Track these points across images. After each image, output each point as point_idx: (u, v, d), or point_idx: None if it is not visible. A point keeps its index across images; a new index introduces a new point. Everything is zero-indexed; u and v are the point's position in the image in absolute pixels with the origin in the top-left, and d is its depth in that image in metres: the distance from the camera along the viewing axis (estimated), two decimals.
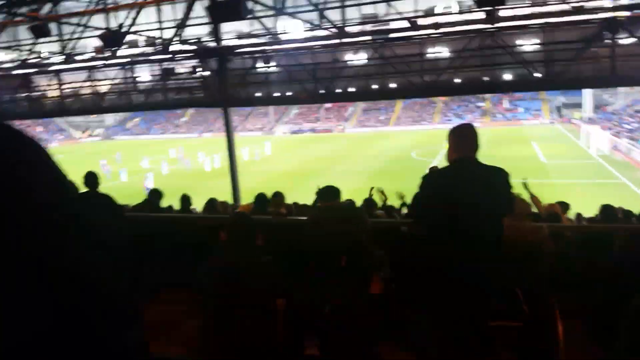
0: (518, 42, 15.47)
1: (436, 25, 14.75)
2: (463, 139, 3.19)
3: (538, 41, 15.14)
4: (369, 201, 6.96)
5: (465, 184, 3.12)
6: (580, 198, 16.94)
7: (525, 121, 59.52)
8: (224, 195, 15.43)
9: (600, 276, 4.14)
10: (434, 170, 3.79)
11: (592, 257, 4.60)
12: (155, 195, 7.80)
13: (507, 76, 16.49)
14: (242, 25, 17.47)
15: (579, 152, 36.80)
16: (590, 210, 9.69)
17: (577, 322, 3.85)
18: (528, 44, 15.53)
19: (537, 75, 14.57)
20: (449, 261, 3.10)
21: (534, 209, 5.39)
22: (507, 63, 15.24)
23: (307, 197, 6.21)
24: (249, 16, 11.56)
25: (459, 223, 3.09)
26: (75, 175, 5.51)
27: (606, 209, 6.41)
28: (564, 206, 7.40)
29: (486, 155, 3.20)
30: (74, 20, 16.37)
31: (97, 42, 15.49)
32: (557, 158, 33.73)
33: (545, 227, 4.43)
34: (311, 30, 16.15)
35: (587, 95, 55.22)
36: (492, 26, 14.35)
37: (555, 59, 14.45)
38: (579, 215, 9.10)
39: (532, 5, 14.34)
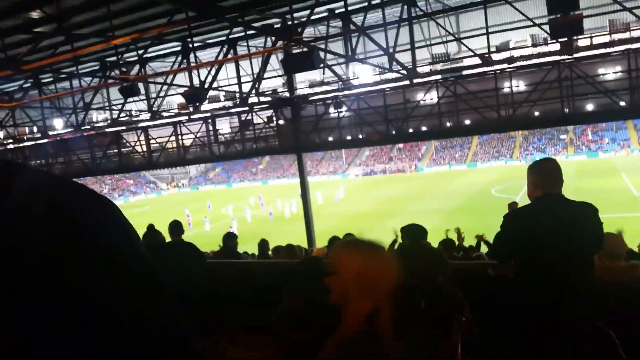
0: (599, 70, 14.80)
1: (510, 60, 14.48)
2: (545, 175, 3.05)
3: (620, 68, 14.40)
4: (446, 242, 6.77)
5: (552, 222, 2.97)
6: None
7: (612, 152, 56.06)
8: (300, 239, 15.63)
9: None
10: (517, 209, 3.63)
11: None
12: (230, 238, 8.06)
13: (590, 106, 15.72)
14: (315, 74, 18.08)
15: None
16: None
17: None
18: (610, 72, 14.80)
19: (622, 103, 13.78)
20: (539, 305, 2.95)
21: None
22: (589, 93, 14.58)
23: (384, 238, 6.17)
24: (320, 66, 11.95)
25: (548, 265, 2.95)
26: (161, 224, 5.80)
27: None
28: None
29: (573, 188, 3.07)
30: (160, 79, 17.72)
31: (182, 99, 16.63)
32: None
33: None
34: (381, 73, 16.39)
35: None
36: (569, 57, 13.88)
37: None
38: None
39: (613, 32, 13.73)
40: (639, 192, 30.90)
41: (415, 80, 15.89)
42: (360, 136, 18.06)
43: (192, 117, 20.37)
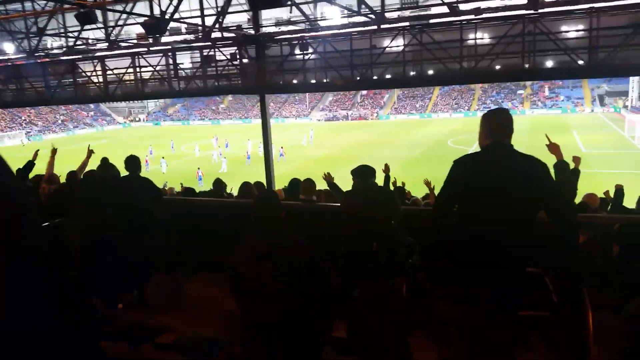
0: (562, 28, 15.00)
1: (477, 11, 14.44)
2: (496, 123, 3.10)
3: (582, 27, 14.63)
4: (399, 189, 6.97)
5: (497, 168, 3.03)
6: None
7: (566, 109, 57.85)
8: (260, 180, 15.70)
9: (636, 267, 4.08)
10: (465, 155, 3.67)
11: (628, 248, 4.51)
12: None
13: (549, 63, 16.03)
14: (281, 12, 17.57)
15: (621, 142, 35.50)
16: (631, 201, 9.42)
17: (609, 313, 3.81)
18: (572, 30, 15.04)
19: (580, 62, 14.11)
20: (477, 249, 3.03)
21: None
22: (550, 50, 14.80)
23: (342, 184, 6.29)
24: (288, 3, 11.62)
25: (489, 208, 3.00)
26: (117, 159, 5.70)
27: None
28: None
29: (524, 142, 3.14)
30: (119, 7, 16.79)
31: (141, 29, 15.88)
32: (597, 147, 32.61)
33: None
34: (349, 16, 16.07)
35: (634, 83, 53.13)
36: (535, 12, 13.96)
37: (601, 45, 13.93)
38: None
39: None
40: (587, 149, 32.28)
41: (382, 26, 15.69)
42: (325, 80, 17.88)
43: (151, 49, 19.54)
